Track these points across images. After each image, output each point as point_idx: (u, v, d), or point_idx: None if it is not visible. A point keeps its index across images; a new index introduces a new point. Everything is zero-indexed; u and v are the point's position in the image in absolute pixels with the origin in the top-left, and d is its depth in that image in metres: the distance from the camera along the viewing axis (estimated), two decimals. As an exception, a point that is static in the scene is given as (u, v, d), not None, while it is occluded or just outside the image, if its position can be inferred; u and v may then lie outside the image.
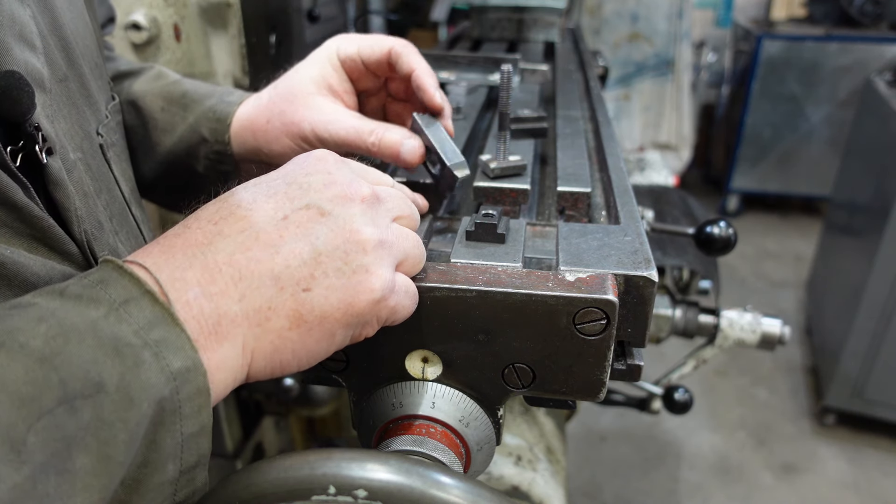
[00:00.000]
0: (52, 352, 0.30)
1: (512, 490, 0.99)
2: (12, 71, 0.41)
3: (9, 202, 0.40)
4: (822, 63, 3.76)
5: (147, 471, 0.34)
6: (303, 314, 0.39)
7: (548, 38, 1.51)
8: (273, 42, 1.28)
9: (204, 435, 0.36)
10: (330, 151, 0.47)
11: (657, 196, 1.53)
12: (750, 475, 2.32)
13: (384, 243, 0.43)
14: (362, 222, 0.42)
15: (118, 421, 0.31)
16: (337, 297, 0.40)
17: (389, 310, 0.43)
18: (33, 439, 0.28)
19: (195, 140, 0.71)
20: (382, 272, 0.42)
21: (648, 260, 0.49)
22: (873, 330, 2.24)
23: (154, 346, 0.33)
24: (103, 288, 0.34)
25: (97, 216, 0.50)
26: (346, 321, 0.41)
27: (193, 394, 0.35)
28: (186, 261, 0.37)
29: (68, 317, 0.31)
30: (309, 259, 0.39)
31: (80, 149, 0.51)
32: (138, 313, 0.33)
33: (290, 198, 0.41)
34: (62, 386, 0.29)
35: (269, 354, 0.39)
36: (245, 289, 0.38)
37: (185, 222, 0.40)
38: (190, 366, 0.34)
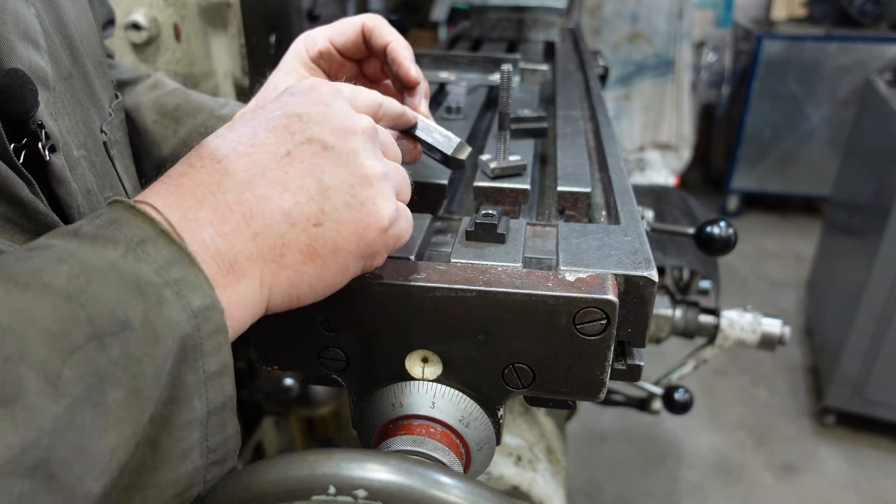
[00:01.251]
0: (77, 290, 0.30)
1: (512, 490, 0.99)
2: (16, 69, 0.41)
3: (14, 198, 0.40)
4: (822, 63, 3.76)
5: (174, 408, 0.34)
6: (316, 248, 0.40)
7: (548, 38, 1.51)
8: (273, 42, 1.28)
9: (226, 374, 0.37)
10: (321, 79, 0.47)
11: (657, 196, 1.53)
12: (750, 475, 2.32)
13: (386, 175, 0.44)
14: (365, 155, 0.43)
15: (145, 356, 0.32)
16: (348, 230, 0.41)
17: (395, 237, 0.44)
18: (68, 373, 0.29)
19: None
20: (388, 203, 0.43)
21: (648, 260, 0.49)
22: (873, 330, 2.24)
23: (174, 284, 0.34)
24: (117, 228, 0.34)
25: None
26: (359, 252, 0.42)
27: (213, 332, 0.35)
28: (196, 201, 0.37)
29: (87, 257, 0.32)
30: (317, 195, 0.40)
31: (83, 146, 0.51)
32: (156, 253, 0.34)
33: (290, 132, 0.41)
34: (90, 323, 0.30)
35: (286, 289, 0.40)
36: (257, 227, 0.38)
37: (188, 160, 0.40)
38: (209, 304, 0.35)
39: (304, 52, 0.64)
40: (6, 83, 0.40)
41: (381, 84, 0.70)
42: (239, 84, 1.27)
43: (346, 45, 0.64)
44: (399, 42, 0.62)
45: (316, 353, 0.51)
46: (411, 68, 0.61)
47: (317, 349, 0.51)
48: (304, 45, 0.65)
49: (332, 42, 0.64)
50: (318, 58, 0.64)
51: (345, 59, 0.66)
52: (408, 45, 0.63)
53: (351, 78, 0.69)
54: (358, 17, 0.63)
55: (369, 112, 0.50)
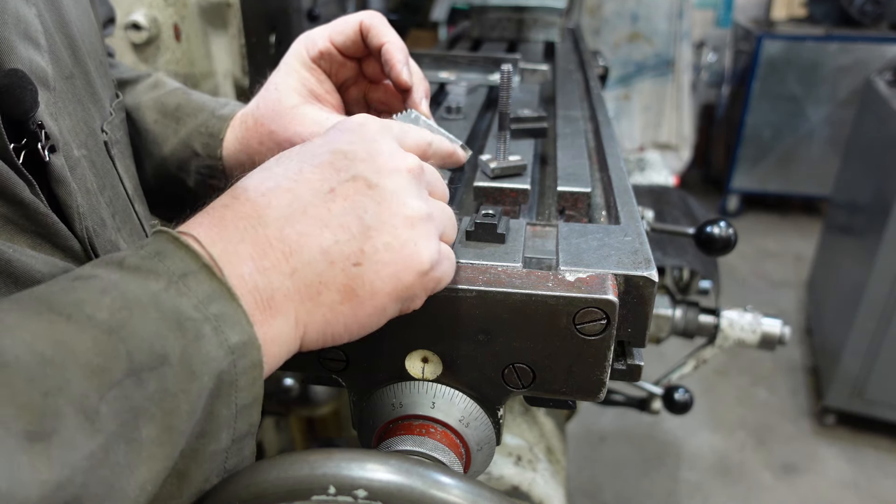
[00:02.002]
0: (119, 324, 0.30)
1: (512, 490, 0.99)
2: (15, 69, 0.41)
3: (15, 199, 0.40)
4: (822, 63, 3.76)
5: (204, 441, 0.34)
6: (354, 288, 0.39)
7: (548, 38, 1.51)
8: (273, 42, 1.28)
9: (255, 406, 0.37)
10: (370, 116, 0.47)
11: (657, 196, 1.53)
12: (750, 475, 2.32)
13: (430, 216, 0.43)
14: (409, 195, 0.42)
15: (181, 392, 0.32)
16: (387, 271, 0.40)
17: (436, 280, 0.43)
18: (105, 409, 0.28)
19: (187, 154, 0.70)
20: (430, 245, 0.42)
21: (648, 260, 0.49)
22: (873, 330, 2.24)
23: (213, 320, 0.34)
24: (161, 260, 0.34)
25: (100, 213, 0.50)
26: (397, 295, 0.41)
27: (249, 367, 0.35)
28: (238, 234, 0.37)
29: (130, 289, 0.32)
30: (358, 234, 0.40)
31: (84, 146, 0.51)
32: (197, 287, 0.34)
33: (335, 168, 0.41)
34: (129, 358, 0.30)
35: (321, 327, 0.40)
36: (296, 263, 0.38)
37: (233, 192, 0.40)
38: (247, 340, 0.35)
39: (305, 52, 0.64)
40: (6, 83, 0.40)
41: (382, 84, 0.70)
42: (239, 84, 1.28)
43: (346, 43, 0.64)
44: (394, 43, 0.62)
45: (316, 353, 0.51)
46: (403, 71, 0.61)
47: (317, 349, 0.51)
48: (305, 46, 0.64)
49: (331, 41, 0.64)
50: (319, 58, 0.64)
51: (345, 59, 0.66)
52: (403, 47, 0.62)
53: (351, 78, 0.68)
54: (356, 15, 0.63)
55: (417, 151, 0.50)
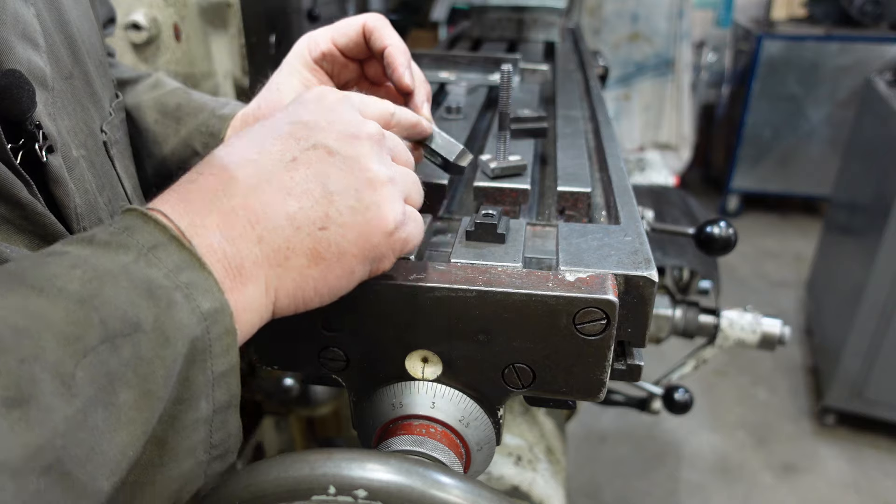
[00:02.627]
0: (90, 294, 0.31)
1: (512, 490, 0.99)
2: (13, 70, 0.41)
3: (12, 199, 0.40)
4: (822, 63, 3.76)
5: (182, 407, 0.35)
6: (321, 252, 0.40)
7: (548, 38, 1.51)
8: (273, 42, 1.28)
9: (232, 374, 0.38)
10: (330, 88, 0.48)
11: (657, 196, 1.53)
12: (750, 475, 2.32)
13: (392, 179, 0.44)
14: (370, 160, 0.43)
15: (156, 358, 0.32)
16: (353, 233, 0.41)
17: (402, 241, 0.44)
18: (81, 374, 0.29)
19: (188, 154, 0.70)
20: (394, 206, 0.43)
21: (648, 260, 0.49)
22: (873, 330, 2.24)
23: (184, 288, 0.34)
24: (130, 234, 0.35)
25: (98, 213, 0.50)
26: (364, 256, 0.42)
27: (222, 334, 0.36)
28: (205, 206, 0.38)
29: (100, 262, 0.33)
30: (321, 199, 0.41)
31: (83, 146, 0.51)
32: (167, 258, 0.35)
33: (296, 138, 0.42)
34: (103, 325, 0.31)
35: (291, 292, 0.41)
36: (262, 231, 0.39)
37: (198, 168, 0.41)
38: (218, 307, 0.36)
39: (307, 53, 0.64)
40: (3, 84, 0.40)
41: (384, 86, 0.70)
42: (239, 84, 1.28)
43: (348, 45, 0.64)
44: (397, 46, 0.62)
45: (316, 353, 0.51)
46: (405, 75, 0.61)
47: (317, 349, 0.51)
48: (307, 46, 0.64)
49: (334, 43, 0.64)
50: (321, 59, 0.64)
51: (347, 60, 0.66)
52: (405, 50, 0.62)
53: (353, 79, 0.68)
54: (359, 17, 0.63)
55: (380, 120, 0.50)
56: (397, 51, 0.62)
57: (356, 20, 0.63)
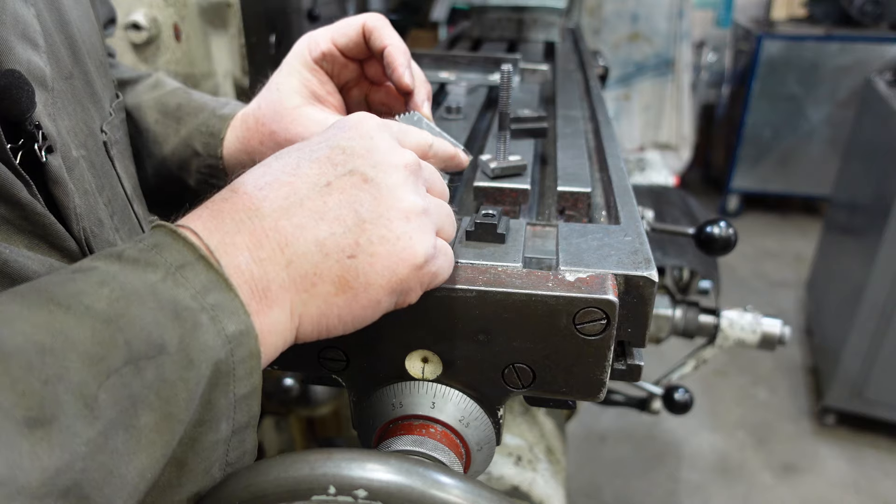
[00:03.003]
0: (116, 314, 0.31)
1: (512, 490, 0.99)
2: (12, 70, 0.41)
3: (12, 199, 0.40)
4: (822, 63, 3.76)
5: (202, 430, 0.35)
6: (348, 280, 0.40)
7: (548, 38, 1.51)
8: (273, 42, 1.28)
9: (254, 397, 0.37)
10: (370, 114, 0.47)
11: (657, 196, 1.53)
12: (750, 475, 2.32)
13: (426, 211, 0.43)
14: (405, 190, 0.43)
15: (179, 381, 0.32)
16: (382, 264, 0.40)
17: (431, 275, 0.44)
18: (104, 397, 0.29)
19: (188, 153, 0.70)
20: (425, 239, 0.42)
21: (648, 260, 0.49)
22: (873, 330, 2.24)
23: (210, 310, 0.34)
24: (158, 252, 0.35)
25: (97, 214, 0.50)
26: (391, 287, 0.41)
27: (246, 357, 0.36)
28: (234, 226, 0.38)
29: (128, 280, 0.32)
30: (353, 226, 0.40)
31: (83, 146, 0.51)
32: (194, 278, 0.34)
33: (333, 163, 0.42)
34: (127, 347, 0.30)
35: (315, 319, 0.40)
36: (291, 255, 0.38)
37: (232, 186, 0.41)
38: (244, 329, 0.35)
39: (307, 53, 0.64)
40: (2, 84, 0.40)
41: (384, 86, 0.70)
42: (239, 84, 1.28)
43: (348, 45, 0.64)
44: (396, 46, 0.62)
45: (316, 353, 0.51)
46: (405, 74, 0.61)
47: (317, 349, 0.51)
48: (307, 46, 0.64)
49: (334, 43, 0.64)
50: (321, 59, 0.64)
51: (347, 60, 0.66)
52: (405, 50, 0.62)
53: (353, 79, 0.68)
54: (359, 17, 0.63)
55: (418, 151, 0.50)
56: (397, 50, 0.62)
57: (356, 20, 0.63)
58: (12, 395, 0.26)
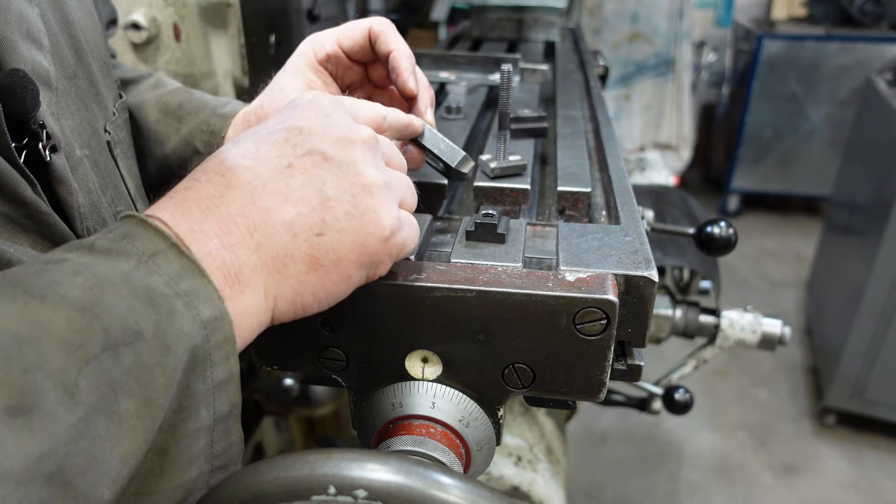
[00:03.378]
0: (92, 302, 0.31)
1: (512, 490, 0.99)
2: (17, 69, 0.41)
3: (16, 198, 0.40)
4: (822, 63, 3.76)
5: (182, 416, 0.35)
6: (318, 258, 0.41)
7: (548, 38, 1.51)
8: (273, 42, 1.28)
9: (232, 383, 0.38)
10: (323, 92, 0.48)
11: (657, 196, 1.53)
12: (750, 475, 2.32)
13: (388, 184, 0.44)
14: (365, 165, 0.43)
15: (157, 366, 0.32)
16: (349, 238, 0.41)
17: (399, 246, 0.45)
18: (83, 383, 0.29)
19: (188, 152, 0.71)
20: (389, 211, 0.43)
21: (648, 260, 0.49)
22: (873, 330, 2.24)
23: (185, 295, 0.34)
24: (130, 242, 0.35)
25: (101, 213, 0.50)
26: (360, 261, 0.42)
27: (221, 342, 0.36)
28: (202, 214, 0.38)
29: (101, 269, 0.33)
30: (318, 205, 0.41)
31: (87, 146, 0.51)
32: (167, 265, 0.35)
33: (291, 144, 0.42)
34: (104, 333, 0.31)
35: (290, 298, 0.41)
36: (260, 238, 0.39)
37: (193, 175, 0.41)
38: (218, 315, 0.36)
39: (312, 54, 0.64)
40: (7, 83, 0.40)
41: (387, 89, 0.70)
42: (239, 84, 1.28)
43: (354, 48, 0.64)
44: (402, 51, 0.62)
45: (316, 353, 0.51)
46: (409, 80, 0.62)
47: (317, 349, 0.51)
48: (312, 47, 0.65)
49: (339, 45, 0.64)
50: (326, 60, 0.64)
51: (352, 63, 0.66)
52: (410, 55, 0.62)
53: (357, 82, 0.68)
54: (366, 21, 0.63)
55: (372, 124, 0.50)
56: (402, 56, 0.62)
57: (362, 23, 0.63)
58: None
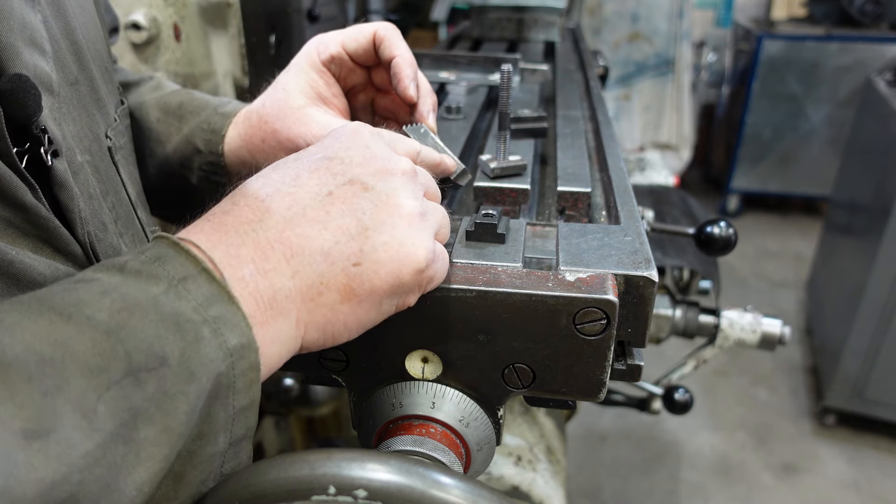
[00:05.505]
0: (118, 325, 0.31)
1: (512, 490, 0.99)
2: (19, 74, 0.41)
3: (17, 203, 0.40)
4: (822, 63, 3.76)
5: (201, 443, 0.35)
6: (353, 288, 0.40)
7: (548, 38, 1.51)
8: (273, 42, 1.28)
9: (252, 409, 0.37)
10: (364, 123, 0.48)
11: (657, 196, 1.53)
12: (750, 475, 2.32)
13: (425, 215, 0.44)
14: (404, 196, 0.43)
15: (180, 394, 0.32)
16: (386, 269, 0.41)
17: (429, 279, 0.44)
18: (103, 409, 0.29)
19: (189, 151, 0.71)
20: (426, 243, 0.43)
21: (648, 260, 0.49)
22: (873, 330, 2.24)
23: (213, 322, 0.34)
24: (161, 265, 0.35)
25: (102, 218, 0.50)
26: (393, 291, 0.42)
27: (246, 369, 0.36)
28: (239, 238, 0.38)
29: (130, 292, 0.32)
30: (356, 234, 0.41)
31: (88, 151, 0.51)
32: (196, 290, 0.34)
33: (332, 173, 0.42)
34: (128, 358, 0.30)
35: (321, 327, 0.41)
36: (297, 265, 0.39)
37: (232, 198, 0.41)
38: (245, 342, 0.35)
39: (316, 55, 0.65)
40: (9, 88, 0.40)
41: (390, 93, 0.70)
42: (239, 84, 1.27)
43: (357, 51, 0.64)
44: (404, 58, 0.62)
45: (316, 353, 0.51)
46: (410, 87, 0.62)
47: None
48: (316, 48, 0.65)
49: (344, 47, 0.64)
50: (329, 62, 0.65)
51: (355, 66, 0.66)
52: (412, 62, 0.63)
53: (360, 84, 0.69)
54: (371, 25, 0.64)
55: (407, 157, 0.50)
56: (405, 62, 0.62)
57: (367, 27, 0.64)
58: (11, 407, 0.26)
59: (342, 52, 0.64)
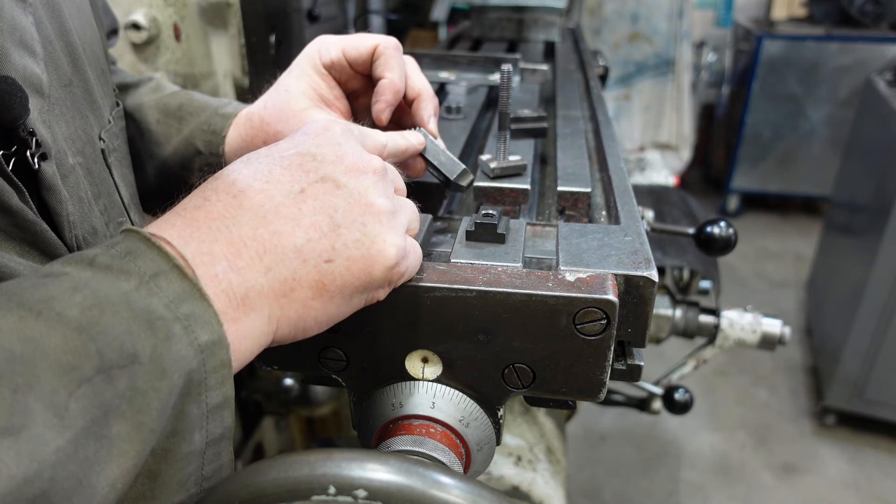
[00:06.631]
0: (89, 322, 0.31)
1: (512, 490, 0.99)
2: (5, 76, 0.41)
3: (3, 206, 0.40)
4: (822, 63, 3.76)
5: (175, 440, 0.35)
6: (325, 284, 0.41)
7: (548, 38, 1.51)
8: (273, 42, 1.28)
9: (227, 407, 0.37)
10: (335, 119, 0.48)
11: (657, 196, 1.53)
12: (750, 475, 2.32)
13: (395, 213, 0.45)
14: (376, 194, 0.44)
15: (151, 390, 0.32)
16: (357, 266, 0.42)
17: (400, 274, 0.45)
18: (74, 405, 0.29)
19: (190, 152, 0.71)
20: (397, 240, 0.44)
21: (648, 260, 0.49)
22: (873, 330, 2.24)
23: (184, 319, 0.34)
24: (132, 260, 0.34)
25: (92, 222, 0.50)
26: (364, 287, 0.43)
27: (218, 366, 0.36)
28: (211, 234, 0.38)
29: (101, 288, 0.32)
30: (329, 231, 0.41)
31: (80, 153, 0.51)
32: (168, 287, 0.34)
33: (305, 170, 0.42)
34: (99, 356, 0.30)
35: (293, 322, 0.41)
36: (270, 262, 0.39)
37: (203, 193, 0.41)
38: (216, 339, 0.35)
39: (318, 57, 0.65)
40: None
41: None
42: (239, 84, 1.27)
43: (357, 60, 0.64)
44: (392, 81, 0.62)
45: (316, 353, 0.51)
46: (384, 111, 0.62)
47: (317, 349, 0.51)
48: (319, 51, 0.65)
49: (344, 54, 0.64)
50: (330, 66, 0.65)
51: (355, 72, 0.66)
52: (398, 89, 0.63)
53: (360, 88, 0.69)
54: (374, 38, 0.64)
55: (375, 152, 0.51)
56: (389, 87, 0.62)
57: (370, 39, 0.64)
58: None
59: (342, 59, 0.64)
